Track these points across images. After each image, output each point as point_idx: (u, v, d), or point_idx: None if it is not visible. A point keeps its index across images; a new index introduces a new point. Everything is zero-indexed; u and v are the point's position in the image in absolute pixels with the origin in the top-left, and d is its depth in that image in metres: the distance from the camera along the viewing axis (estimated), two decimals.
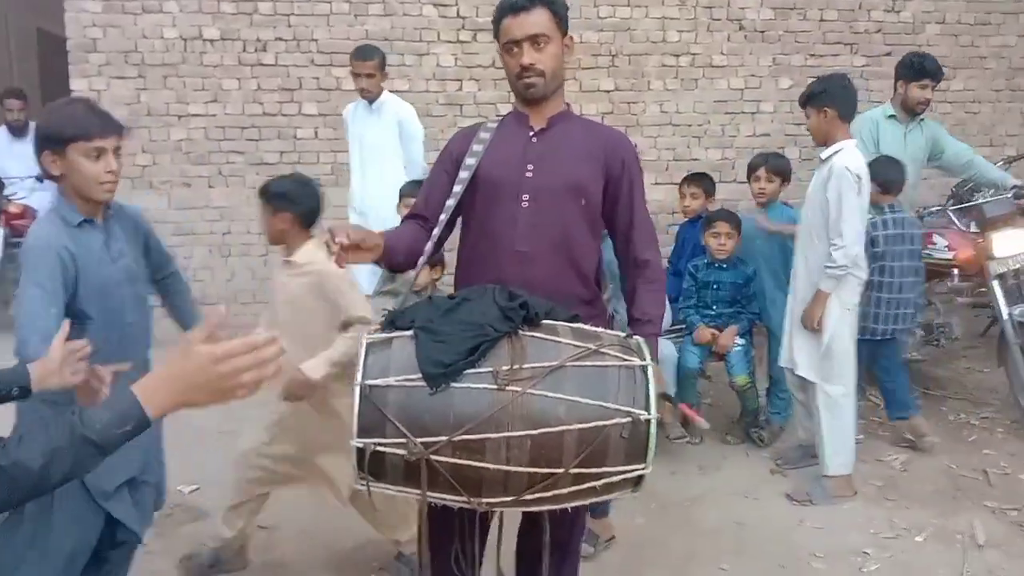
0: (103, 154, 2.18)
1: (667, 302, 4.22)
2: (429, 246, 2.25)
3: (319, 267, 2.75)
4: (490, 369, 1.88)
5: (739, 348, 4.11)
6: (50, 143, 2.17)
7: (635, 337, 2.04)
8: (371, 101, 4.81)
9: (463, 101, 6.20)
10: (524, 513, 2.22)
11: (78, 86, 5.90)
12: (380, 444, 1.83)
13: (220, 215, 6.08)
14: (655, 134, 6.50)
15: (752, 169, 4.34)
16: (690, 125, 6.52)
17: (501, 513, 2.19)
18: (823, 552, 3.16)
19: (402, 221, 2.43)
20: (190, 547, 3.13)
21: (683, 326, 4.24)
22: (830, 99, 3.55)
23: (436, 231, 2.26)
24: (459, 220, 2.37)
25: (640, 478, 1.93)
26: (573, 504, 1.98)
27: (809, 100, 3.63)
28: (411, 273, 2.37)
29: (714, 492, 3.70)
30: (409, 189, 4.05)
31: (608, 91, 6.42)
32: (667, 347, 4.03)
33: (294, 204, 2.84)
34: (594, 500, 2.03)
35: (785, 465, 3.92)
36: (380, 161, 4.77)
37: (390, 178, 4.58)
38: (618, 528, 3.28)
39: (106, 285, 2.27)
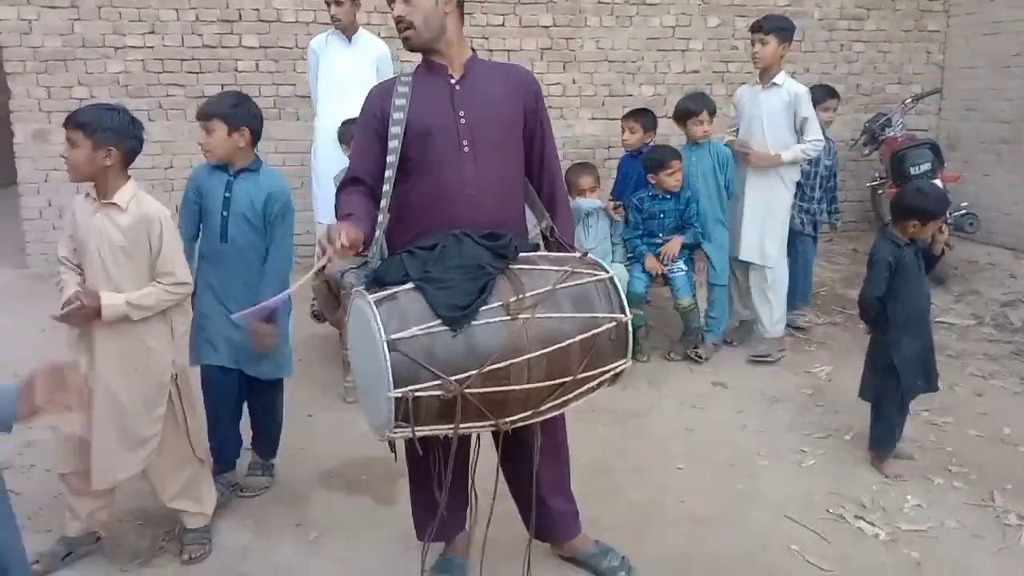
0: None
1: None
2: (382, 217, 2.34)
3: (149, 211, 2.62)
4: (499, 303, 2.12)
5: (683, 273, 4.47)
6: None
7: (589, 255, 2.33)
8: (349, 35, 4.80)
9: None
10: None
11: (6, 14, 5.69)
12: (417, 390, 2.01)
13: (162, 149, 6.02)
14: (591, 70, 6.71)
15: (692, 113, 4.59)
16: (625, 61, 6.75)
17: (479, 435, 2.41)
18: (766, 451, 3.56)
19: (342, 188, 2.46)
20: None
21: (632, 254, 4.56)
22: (790, 37, 4.28)
23: (386, 187, 2.34)
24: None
25: (620, 372, 2.26)
26: (575, 404, 2.27)
27: (777, 31, 4.25)
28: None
29: (664, 403, 4.07)
30: (353, 130, 4.13)
31: (547, 27, 6.58)
32: (620, 270, 4.33)
33: (124, 139, 2.58)
34: (586, 398, 2.31)
35: (738, 342, 4.80)
36: (355, 96, 4.77)
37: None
38: (581, 436, 3.59)
39: None
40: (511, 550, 2.61)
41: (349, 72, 4.77)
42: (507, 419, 2.15)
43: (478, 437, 2.45)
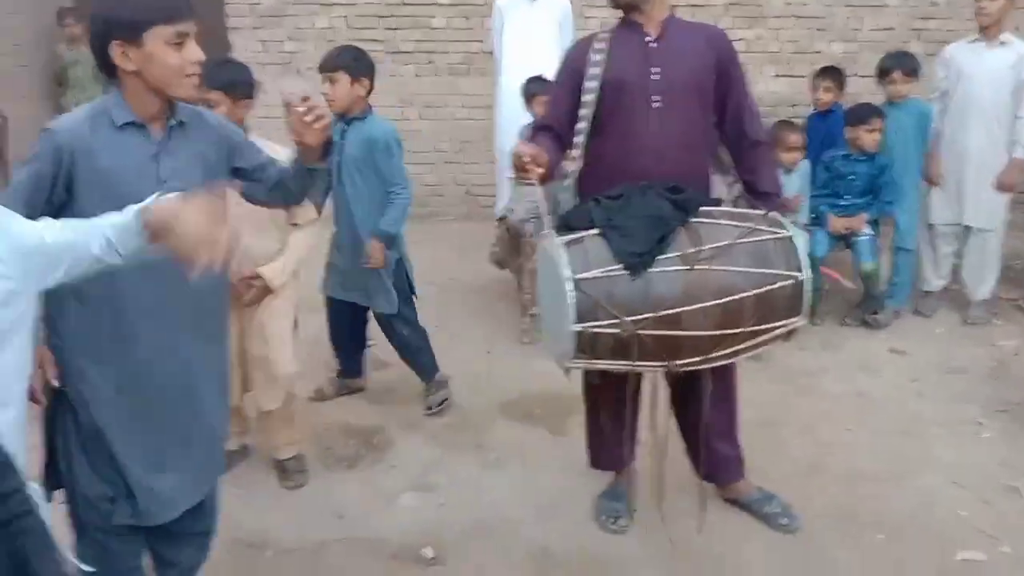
0: (186, 41, 1.81)
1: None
2: (573, 166, 2.55)
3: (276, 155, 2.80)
4: (678, 253, 2.26)
5: (867, 237, 4.38)
6: (121, 31, 1.77)
7: (772, 213, 2.41)
8: None
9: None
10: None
11: None
12: (596, 326, 2.21)
13: None
14: (778, 26, 6.55)
15: (886, 72, 4.47)
16: (814, 17, 6.54)
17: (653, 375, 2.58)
18: (940, 420, 3.51)
19: (534, 132, 2.69)
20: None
21: (814, 216, 4.50)
22: None
23: (580, 139, 2.53)
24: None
25: (793, 329, 2.34)
26: (747, 356, 2.40)
27: None
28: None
29: (837, 366, 4.06)
30: (536, 87, 4.33)
31: None
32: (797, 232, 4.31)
33: (253, 92, 2.89)
34: (760, 350, 2.42)
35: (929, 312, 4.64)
36: (540, 55, 4.89)
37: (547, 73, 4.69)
38: (750, 391, 3.66)
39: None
40: (676, 486, 2.79)
41: (533, 30, 4.96)
42: (678, 362, 2.30)
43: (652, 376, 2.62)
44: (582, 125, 2.53)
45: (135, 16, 1.76)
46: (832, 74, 4.91)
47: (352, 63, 3.28)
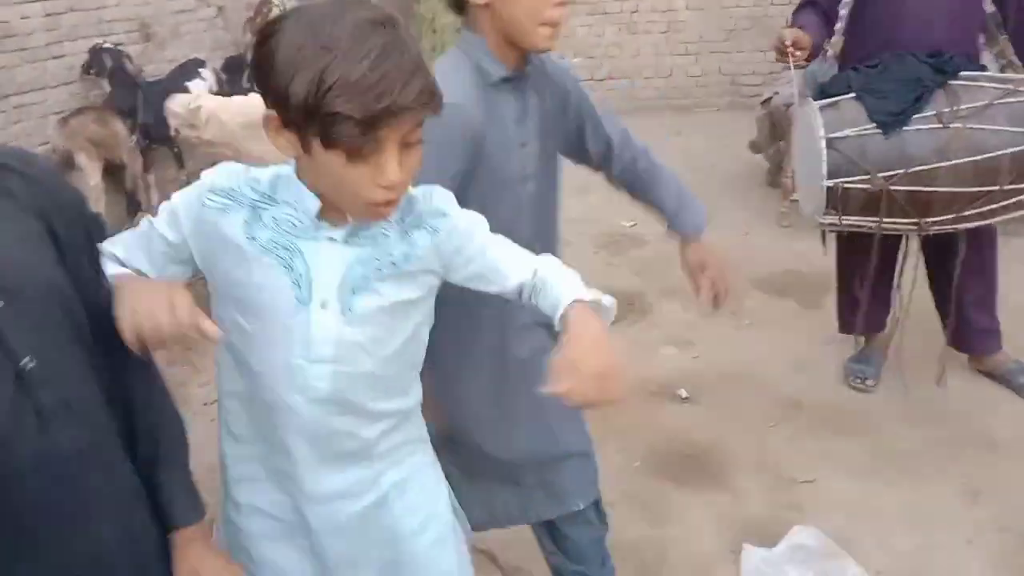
0: None
1: None
2: (836, 38, 2.64)
3: None
4: (933, 112, 2.34)
5: None
6: None
7: None
8: None
9: None
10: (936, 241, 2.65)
11: None
12: (847, 182, 2.38)
13: None
14: None
15: None
16: None
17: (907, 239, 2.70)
18: None
19: (799, 9, 2.76)
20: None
21: None
22: None
23: (844, 12, 2.60)
24: None
25: None
26: (1001, 218, 2.47)
27: None
28: None
29: None
30: None
31: None
32: None
33: None
34: (1016, 214, 2.46)
35: None
36: None
37: None
38: (1011, 275, 3.53)
39: (508, 181, 1.47)
40: (928, 356, 2.89)
41: None
42: (929, 219, 2.41)
43: (906, 245, 2.74)
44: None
45: None
46: None
47: None
